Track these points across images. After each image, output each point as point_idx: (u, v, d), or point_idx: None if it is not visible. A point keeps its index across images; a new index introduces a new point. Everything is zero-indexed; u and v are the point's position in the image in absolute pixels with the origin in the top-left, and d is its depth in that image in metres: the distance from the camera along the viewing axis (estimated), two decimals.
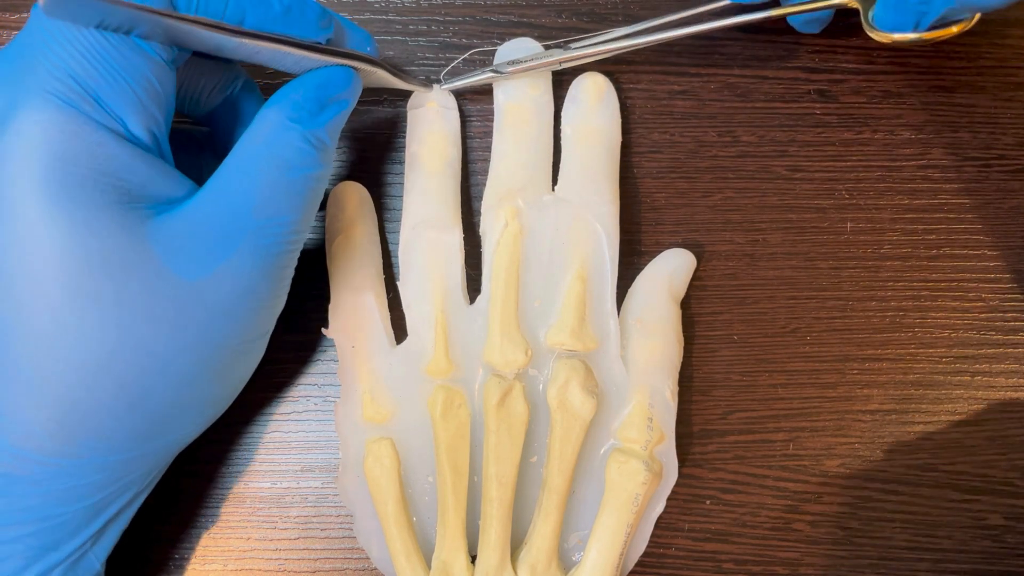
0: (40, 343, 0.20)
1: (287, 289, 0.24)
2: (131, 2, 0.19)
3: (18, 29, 0.30)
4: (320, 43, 0.23)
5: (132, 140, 0.21)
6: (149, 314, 0.20)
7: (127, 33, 0.20)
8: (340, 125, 0.24)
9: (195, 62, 0.24)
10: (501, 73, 0.28)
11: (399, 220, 0.28)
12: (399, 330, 0.28)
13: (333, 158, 0.24)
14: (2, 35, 0.30)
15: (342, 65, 0.23)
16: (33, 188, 0.19)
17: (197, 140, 0.27)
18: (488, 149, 0.29)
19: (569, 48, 0.28)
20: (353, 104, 0.24)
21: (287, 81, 0.23)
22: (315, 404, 0.29)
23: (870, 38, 0.27)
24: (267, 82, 0.29)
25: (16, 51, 0.20)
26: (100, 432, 0.21)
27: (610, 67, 0.30)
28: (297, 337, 0.29)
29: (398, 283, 0.28)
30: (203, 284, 0.21)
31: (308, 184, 0.23)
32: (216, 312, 0.21)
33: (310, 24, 0.22)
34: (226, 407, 0.25)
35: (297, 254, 0.23)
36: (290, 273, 0.24)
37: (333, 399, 0.29)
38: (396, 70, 0.26)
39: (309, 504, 0.29)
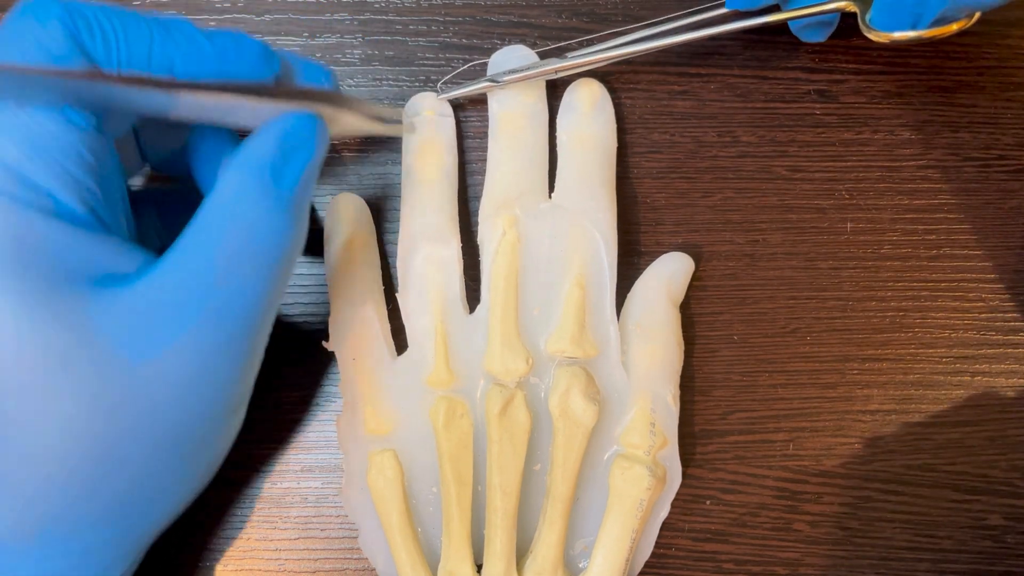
0: None
1: (258, 362, 0.22)
2: (59, 69, 0.17)
3: None
4: (268, 84, 0.20)
5: (65, 216, 0.19)
6: (93, 402, 0.19)
7: (57, 106, 0.18)
8: (311, 180, 0.21)
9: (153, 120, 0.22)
10: (499, 83, 0.28)
11: (398, 230, 0.28)
12: (400, 341, 0.28)
13: (307, 219, 0.22)
14: None
15: (303, 112, 0.21)
16: None
17: (182, 198, 0.26)
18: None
19: (565, 55, 0.28)
20: (322, 154, 0.22)
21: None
22: (315, 404, 0.29)
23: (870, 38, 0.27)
24: None
25: None
26: (59, 521, 0.20)
27: (609, 67, 0.30)
28: (296, 336, 0.29)
29: (397, 295, 0.27)
30: (152, 366, 0.19)
31: (278, 252, 0.21)
32: (169, 394, 0.20)
33: (251, 62, 0.20)
34: (204, 483, 0.23)
35: (268, 327, 0.22)
36: (260, 345, 0.22)
37: (333, 399, 0.29)
38: (365, 105, 0.24)
39: (309, 504, 0.29)
